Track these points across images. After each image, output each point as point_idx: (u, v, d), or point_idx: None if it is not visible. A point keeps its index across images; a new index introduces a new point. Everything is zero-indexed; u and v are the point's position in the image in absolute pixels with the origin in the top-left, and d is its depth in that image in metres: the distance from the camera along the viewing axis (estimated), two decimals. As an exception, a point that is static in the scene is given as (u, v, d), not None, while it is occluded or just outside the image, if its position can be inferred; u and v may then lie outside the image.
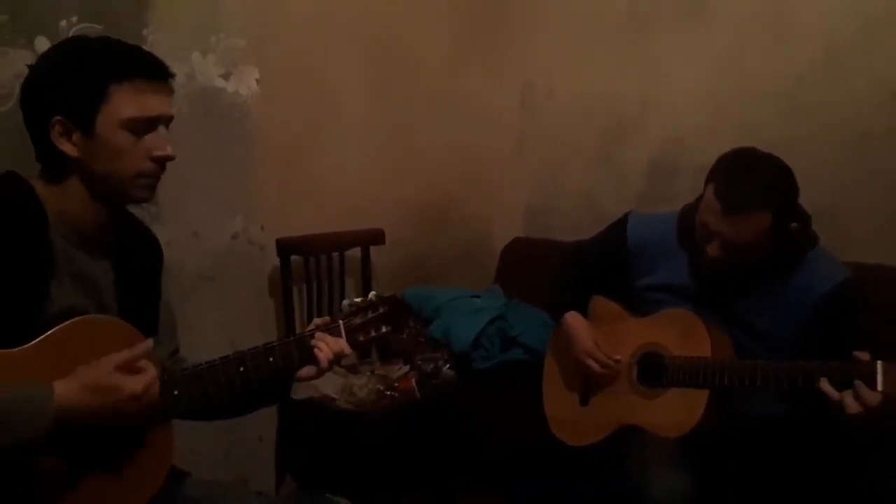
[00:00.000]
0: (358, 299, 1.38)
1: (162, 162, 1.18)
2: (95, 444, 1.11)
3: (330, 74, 2.44)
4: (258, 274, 2.30)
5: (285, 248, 2.29)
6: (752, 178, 1.51)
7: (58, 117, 1.13)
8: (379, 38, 2.54)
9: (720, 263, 1.55)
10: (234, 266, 2.20)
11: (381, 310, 1.37)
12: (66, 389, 1.06)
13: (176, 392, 1.18)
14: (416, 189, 2.69)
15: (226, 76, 2.12)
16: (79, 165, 1.15)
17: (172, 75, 1.19)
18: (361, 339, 1.35)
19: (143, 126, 1.16)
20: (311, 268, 2.36)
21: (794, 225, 1.56)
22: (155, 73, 1.17)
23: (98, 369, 1.08)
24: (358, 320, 1.35)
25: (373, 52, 2.53)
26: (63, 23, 1.81)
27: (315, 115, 2.41)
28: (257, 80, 2.17)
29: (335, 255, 2.41)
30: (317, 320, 1.35)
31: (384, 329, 1.37)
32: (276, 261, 2.30)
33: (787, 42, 2.21)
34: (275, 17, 2.26)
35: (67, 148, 1.14)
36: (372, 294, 1.39)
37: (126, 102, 1.14)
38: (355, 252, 2.47)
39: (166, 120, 1.18)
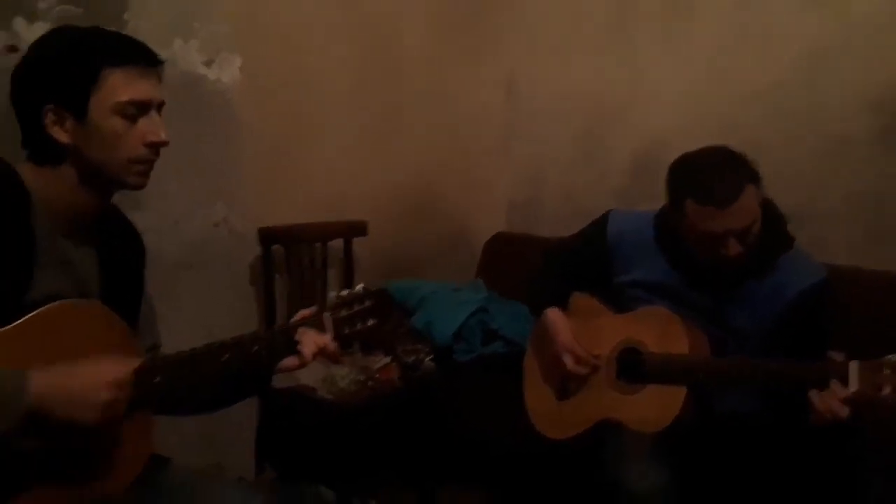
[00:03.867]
0: (345, 292, 1.36)
1: (156, 147, 1.19)
2: (75, 429, 1.09)
3: (314, 64, 2.43)
4: (239, 263, 2.29)
5: (267, 237, 2.28)
6: (719, 167, 1.54)
7: (50, 105, 1.13)
8: (364, 28, 2.53)
9: (743, 255, 1.55)
10: (215, 254, 2.18)
11: (367, 303, 1.36)
12: (43, 383, 1.04)
13: (158, 379, 1.16)
14: (399, 181, 2.69)
15: (208, 63, 2.10)
16: (72, 152, 1.15)
17: (162, 62, 1.20)
18: (347, 331, 1.34)
19: (136, 111, 1.16)
20: (293, 258, 2.35)
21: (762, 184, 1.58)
22: (146, 58, 1.18)
23: (88, 379, 1.06)
24: (344, 313, 1.34)
25: (358, 43, 2.52)
26: (42, 4, 1.78)
27: (298, 105, 2.40)
28: (240, 68, 2.14)
29: (317, 245, 2.40)
30: (303, 311, 1.34)
31: (370, 322, 1.36)
32: (258, 250, 2.28)
33: (769, 46, 2.23)
34: (259, 4, 2.24)
35: (60, 135, 1.14)
36: (359, 287, 1.37)
37: (118, 87, 1.14)
38: (338, 243, 2.46)
39: (158, 105, 1.19)
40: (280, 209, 2.34)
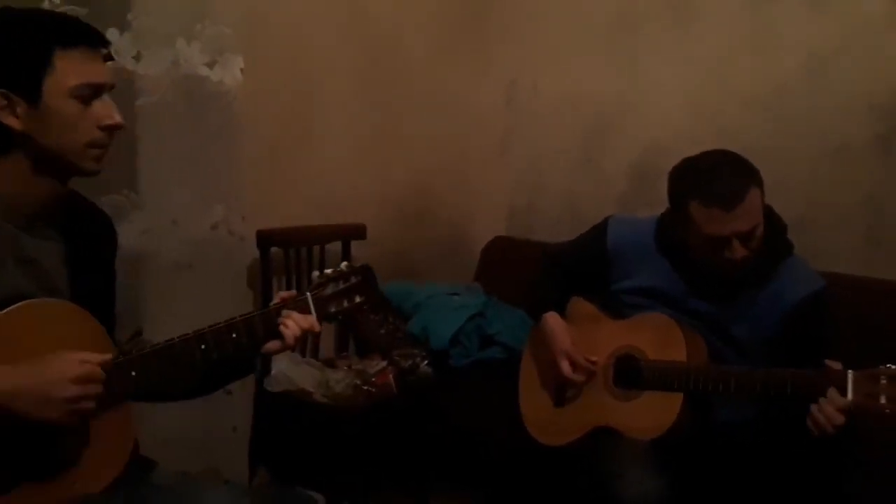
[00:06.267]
0: (328, 270, 1.32)
1: (111, 130, 1.15)
2: (42, 426, 1.07)
3: (316, 66, 2.43)
4: (237, 265, 2.29)
5: (265, 239, 2.28)
6: (723, 169, 1.54)
7: (0, 90, 1.08)
8: (366, 32, 2.53)
9: (748, 258, 1.55)
10: (213, 256, 2.18)
11: (352, 280, 1.31)
12: (7, 380, 1.02)
13: (133, 373, 1.13)
14: (399, 184, 2.69)
15: (210, 64, 2.11)
16: (23, 140, 1.10)
17: (109, 43, 1.18)
18: (333, 310, 1.29)
19: (90, 93, 1.12)
20: (291, 260, 2.34)
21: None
22: (95, 40, 1.14)
23: (53, 375, 1.05)
24: (328, 291, 1.29)
25: (359, 45, 2.52)
26: (45, 4, 1.79)
27: (299, 107, 2.40)
28: (242, 70, 2.15)
29: (316, 248, 2.39)
30: (282, 293, 1.29)
31: (357, 299, 1.31)
32: (256, 252, 2.28)
33: (770, 50, 2.24)
34: (262, 5, 2.25)
35: (12, 122, 1.09)
36: (343, 264, 1.33)
37: (72, 69, 1.10)
38: (336, 246, 2.46)
39: (109, 88, 1.16)
40: (279, 211, 2.33)
